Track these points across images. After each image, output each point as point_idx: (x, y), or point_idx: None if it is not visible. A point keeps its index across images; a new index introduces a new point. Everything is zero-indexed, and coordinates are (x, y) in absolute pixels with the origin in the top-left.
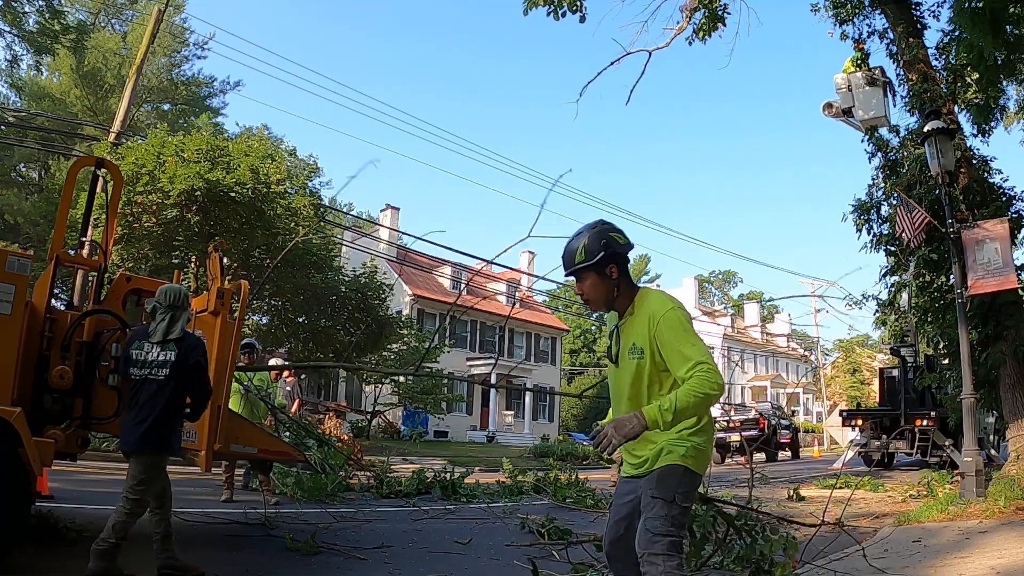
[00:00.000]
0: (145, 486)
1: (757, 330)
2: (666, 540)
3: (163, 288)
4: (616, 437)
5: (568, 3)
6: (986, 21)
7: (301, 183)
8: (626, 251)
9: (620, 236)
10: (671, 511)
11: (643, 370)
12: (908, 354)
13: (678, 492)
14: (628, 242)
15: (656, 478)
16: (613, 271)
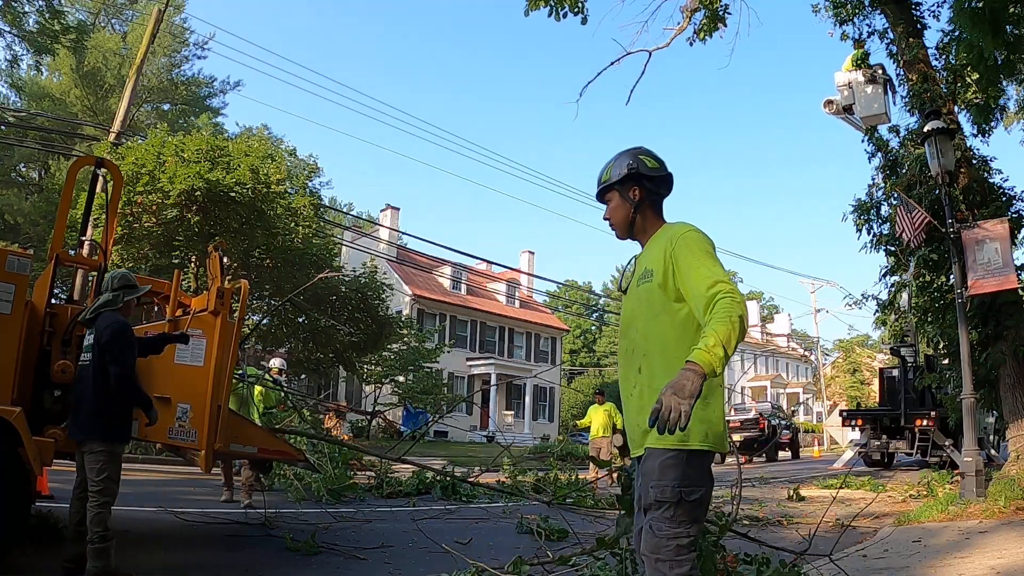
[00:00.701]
0: (105, 474)
1: (757, 330)
2: (672, 544)
3: (111, 273)
4: (685, 403)
5: (570, 4)
6: (986, 21)
7: (301, 183)
8: (654, 174)
9: (650, 159)
10: (676, 511)
11: (652, 296)
12: (908, 354)
13: (683, 487)
14: (660, 166)
15: (657, 468)
16: (636, 193)
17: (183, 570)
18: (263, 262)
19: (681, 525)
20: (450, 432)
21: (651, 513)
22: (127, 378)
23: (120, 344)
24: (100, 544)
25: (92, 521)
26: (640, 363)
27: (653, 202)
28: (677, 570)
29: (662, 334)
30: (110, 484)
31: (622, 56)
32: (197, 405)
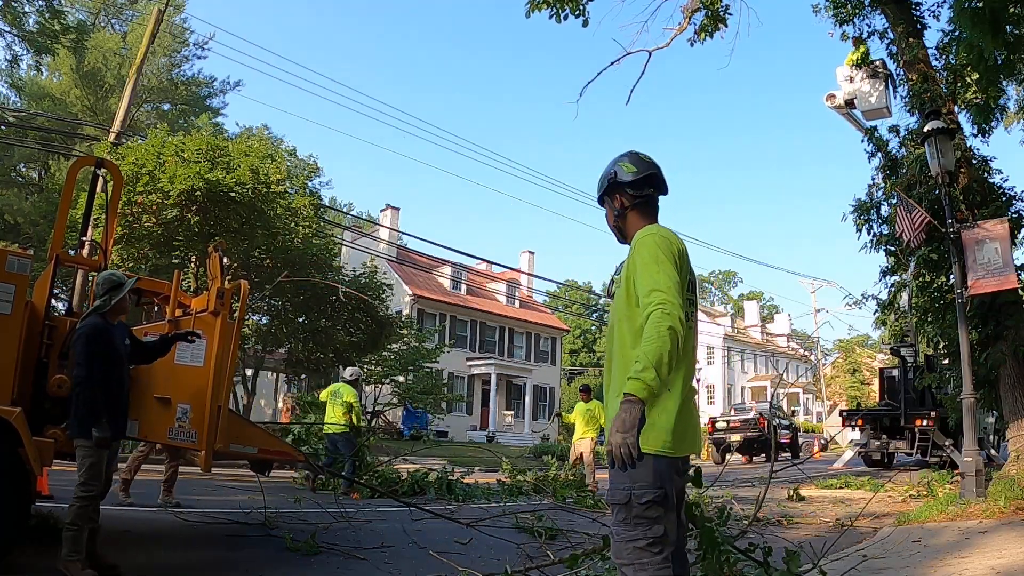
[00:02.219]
0: (84, 468)
1: (757, 330)
2: (629, 547)
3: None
4: (628, 436)
5: (571, 7)
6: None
7: (301, 183)
8: (633, 178)
9: (628, 164)
10: (629, 513)
11: (619, 302)
12: (908, 354)
13: (634, 488)
14: (639, 169)
15: (613, 472)
16: (619, 201)
17: (183, 570)
18: (263, 262)
19: (637, 528)
20: (450, 432)
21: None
22: (83, 382)
23: (84, 348)
24: (70, 532)
25: (68, 511)
26: (609, 367)
27: (638, 206)
28: (640, 573)
29: (622, 340)
30: (89, 481)
31: (622, 56)
32: (197, 405)
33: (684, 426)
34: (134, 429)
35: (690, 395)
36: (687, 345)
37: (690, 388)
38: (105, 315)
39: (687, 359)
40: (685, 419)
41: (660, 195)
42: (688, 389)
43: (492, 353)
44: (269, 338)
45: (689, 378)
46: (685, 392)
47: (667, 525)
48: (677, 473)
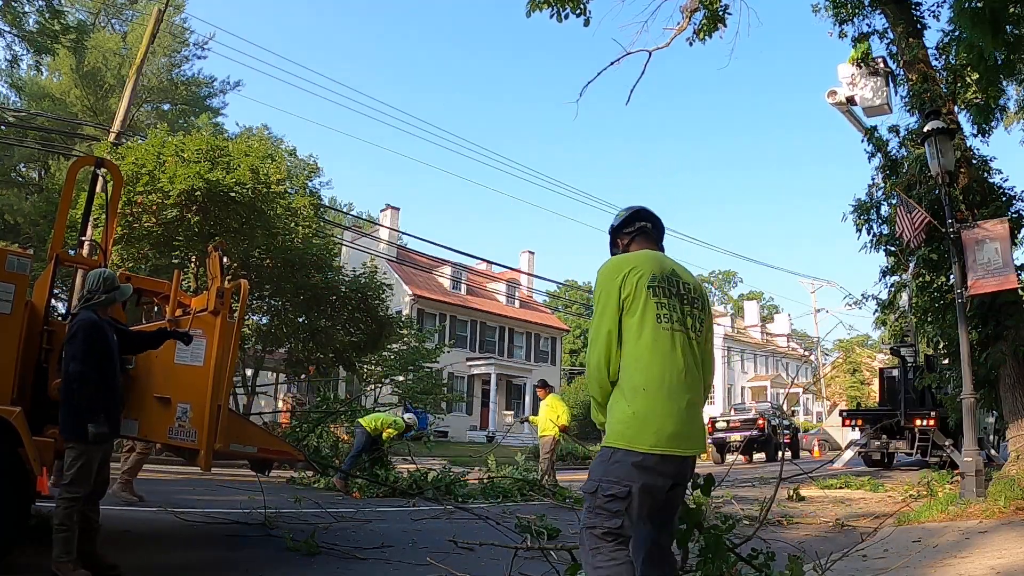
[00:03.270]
0: (72, 470)
1: (757, 330)
2: (587, 533)
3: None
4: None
5: (571, 6)
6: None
7: (301, 183)
8: (619, 222)
9: (619, 213)
10: (594, 502)
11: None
12: (908, 354)
13: (603, 480)
14: (623, 214)
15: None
16: (620, 242)
17: (183, 570)
18: (263, 262)
19: (597, 517)
20: (450, 432)
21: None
22: (79, 378)
23: (81, 343)
24: (62, 534)
25: (55, 513)
26: None
27: (634, 239)
28: (590, 559)
29: None
30: (76, 482)
31: (622, 56)
32: (197, 405)
33: (650, 424)
34: (134, 429)
35: (668, 393)
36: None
37: (672, 388)
38: (96, 310)
39: (659, 360)
40: (652, 417)
41: (653, 225)
42: (664, 389)
43: (492, 353)
44: (269, 338)
45: (664, 378)
46: (665, 389)
47: (626, 521)
48: (661, 475)
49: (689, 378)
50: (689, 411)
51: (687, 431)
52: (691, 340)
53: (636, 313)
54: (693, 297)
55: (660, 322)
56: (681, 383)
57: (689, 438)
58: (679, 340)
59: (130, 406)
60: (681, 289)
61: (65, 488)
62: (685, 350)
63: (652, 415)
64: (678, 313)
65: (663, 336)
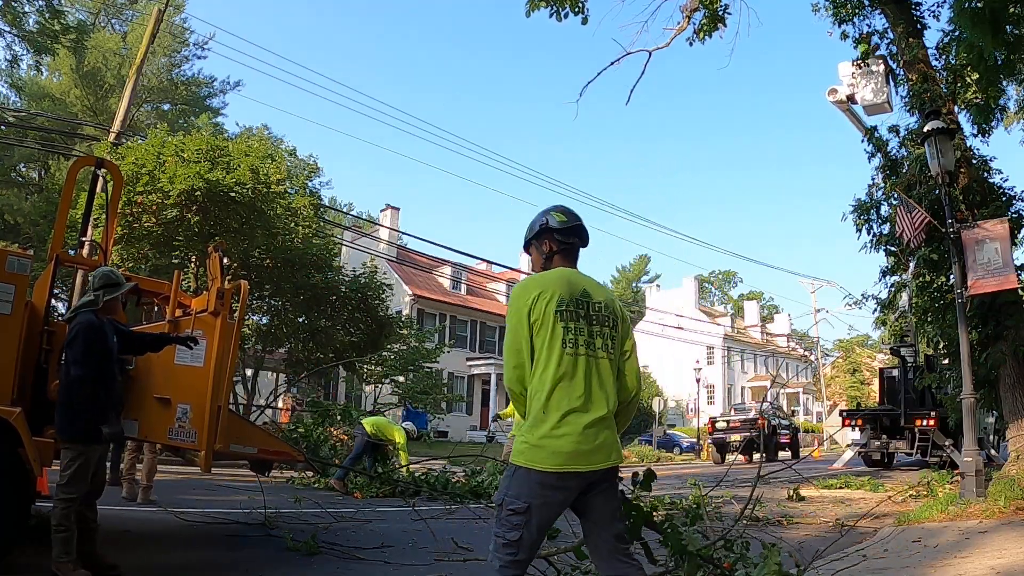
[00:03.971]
0: (68, 471)
1: (757, 330)
2: (495, 541)
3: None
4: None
5: (570, 5)
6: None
7: (301, 183)
8: (559, 226)
9: (559, 214)
10: (500, 512)
11: None
12: (908, 354)
13: (508, 494)
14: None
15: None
16: (547, 245)
17: (183, 570)
18: (263, 262)
19: (501, 527)
20: (450, 432)
21: None
22: (82, 381)
23: (82, 345)
24: (60, 534)
25: (52, 513)
26: None
27: (563, 251)
28: (495, 563)
29: None
30: (73, 482)
31: (622, 56)
32: (197, 406)
33: (548, 447)
34: (134, 429)
35: (567, 418)
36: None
37: (572, 412)
38: (97, 311)
39: (561, 386)
40: (559, 438)
41: (582, 246)
42: (562, 414)
43: (492, 353)
44: (269, 338)
45: (563, 405)
46: (566, 412)
47: (525, 534)
48: (561, 490)
49: (595, 400)
50: (591, 430)
51: (588, 449)
52: (599, 359)
53: (544, 338)
54: (604, 316)
55: (565, 347)
56: (582, 406)
57: (591, 454)
58: (582, 364)
59: (130, 406)
60: (591, 310)
61: (62, 488)
62: (592, 373)
63: (551, 439)
64: (585, 336)
65: (567, 362)
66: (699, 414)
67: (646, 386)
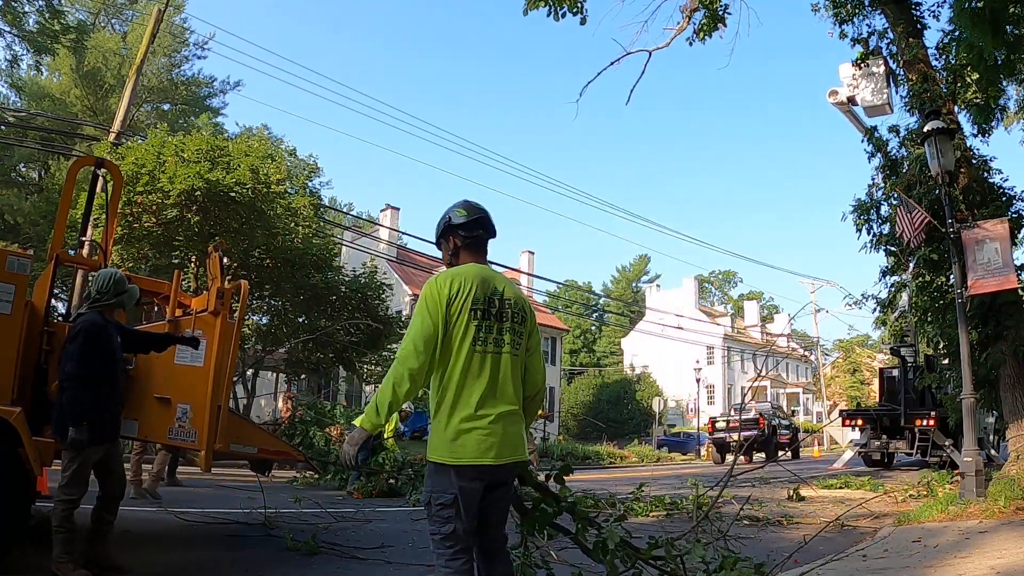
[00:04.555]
0: (68, 472)
1: (757, 330)
2: (431, 539)
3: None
4: (350, 449)
5: (568, 4)
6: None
7: (301, 183)
8: (461, 222)
9: (460, 210)
10: (430, 511)
11: None
12: (908, 354)
13: (432, 491)
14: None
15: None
16: (451, 241)
17: (183, 570)
18: (263, 262)
19: (434, 523)
20: None
21: None
22: (74, 379)
23: (82, 345)
24: (62, 534)
25: (53, 514)
26: None
27: (468, 246)
28: (438, 561)
29: None
30: (73, 483)
31: (622, 56)
32: (197, 405)
33: (461, 440)
34: (134, 429)
35: (478, 413)
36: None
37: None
38: (103, 311)
39: (472, 382)
40: (468, 432)
41: (489, 237)
42: (474, 408)
43: None
44: (269, 338)
45: (474, 399)
46: (477, 408)
47: (459, 525)
48: (475, 480)
49: (501, 395)
50: (498, 424)
51: (497, 442)
52: (507, 356)
53: (457, 335)
54: (514, 312)
55: (476, 345)
56: (491, 402)
57: (500, 447)
58: (490, 361)
59: (130, 406)
60: (503, 307)
61: (62, 489)
62: (498, 369)
63: (464, 432)
64: (494, 334)
65: (477, 359)
66: (699, 414)
67: (646, 386)
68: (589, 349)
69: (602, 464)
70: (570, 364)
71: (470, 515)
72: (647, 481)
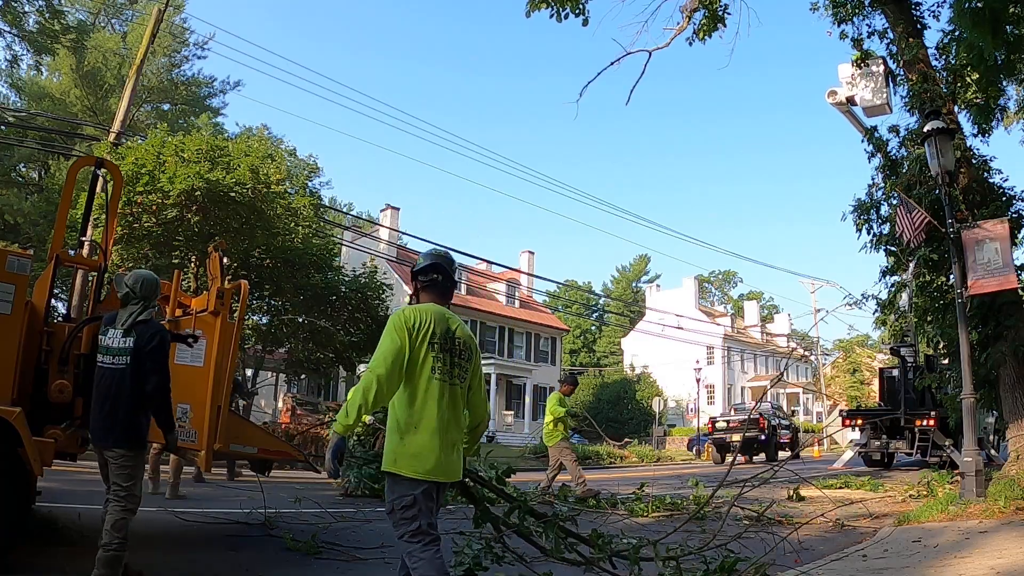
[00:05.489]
0: (133, 480)
1: (757, 330)
2: (401, 543)
3: (138, 275)
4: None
5: (571, 6)
6: (986, 21)
7: (301, 183)
8: (418, 268)
9: (420, 258)
10: (394, 518)
11: None
12: (908, 354)
13: (393, 499)
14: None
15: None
16: (413, 286)
17: (183, 570)
18: (263, 262)
19: (400, 527)
20: None
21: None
22: (166, 389)
23: (164, 354)
24: (117, 552)
25: (114, 526)
26: None
27: (426, 288)
28: (409, 562)
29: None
30: (136, 490)
31: (622, 56)
32: (197, 405)
33: (419, 456)
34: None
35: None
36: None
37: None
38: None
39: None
40: (421, 451)
41: (446, 281)
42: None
43: (492, 353)
44: (269, 338)
45: (431, 422)
46: (432, 429)
47: (422, 521)
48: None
49: (451, 422)
50: (449, 448)
51: (445, 463)
52: (455, 388)
53: (418, 364)
54: (462, 350)
55: (434, 374)
56: (444, 426)
57: (447, 468)
58: (446, 391)
59: None
60: (455, 344)
61: (127, 500)
62: (449, 398)
63: (422, 450)
64: (447, 366)
65: (435, 386)
66: (699, 414)
67: (646, 386)
68: (589, 349)
69: (602, 464)
70: (570, 364)
71: (432, 511)
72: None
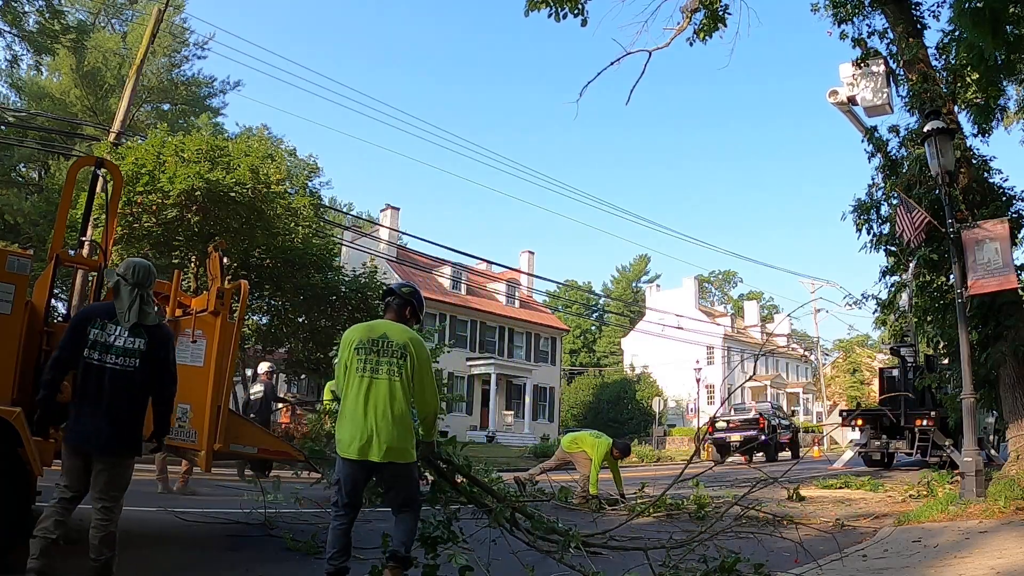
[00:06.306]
0: (121, 490)
1: (757, 330)
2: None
3: (129, 262)
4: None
5: (570, 6)
6: (986, 21)
7: (301, 183)
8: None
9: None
10: (332, 487)
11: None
12: (908, 354)
13: (334, 472)
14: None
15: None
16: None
17: (183, 570)
18: (263, 262)
19: (333, 495)
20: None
21: None
22: (174, 396)
23: (174, 360)
24: (109, 560)
25: (103, 542)
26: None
27: (385, 308)
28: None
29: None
30: (121, 498)
31: (622, 56)
32: (197, 405)
33: (347, 440)
34: None
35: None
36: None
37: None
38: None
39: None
40: (348, 435)
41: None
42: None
43: (492, 353)
44: (269, 338)
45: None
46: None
47: (340, 497)
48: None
49: (373, 410)
50: (375, 429)
51: (373, 442)
52: (381, 381)
53: (350, 365)
54: (393, 350)
55: (358, 371)
56: (368, 412)
57: (376, 447)
58: (367, 384)
59: None
60: (383, 346)
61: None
62: (372, 390)
63: (348, 434)
64: (373, 364)
65: (357, 381)
66: (699, 414)
67: (646, 386)
68: (589, 349)
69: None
70: (570, 364)
71: (348, 490)
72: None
